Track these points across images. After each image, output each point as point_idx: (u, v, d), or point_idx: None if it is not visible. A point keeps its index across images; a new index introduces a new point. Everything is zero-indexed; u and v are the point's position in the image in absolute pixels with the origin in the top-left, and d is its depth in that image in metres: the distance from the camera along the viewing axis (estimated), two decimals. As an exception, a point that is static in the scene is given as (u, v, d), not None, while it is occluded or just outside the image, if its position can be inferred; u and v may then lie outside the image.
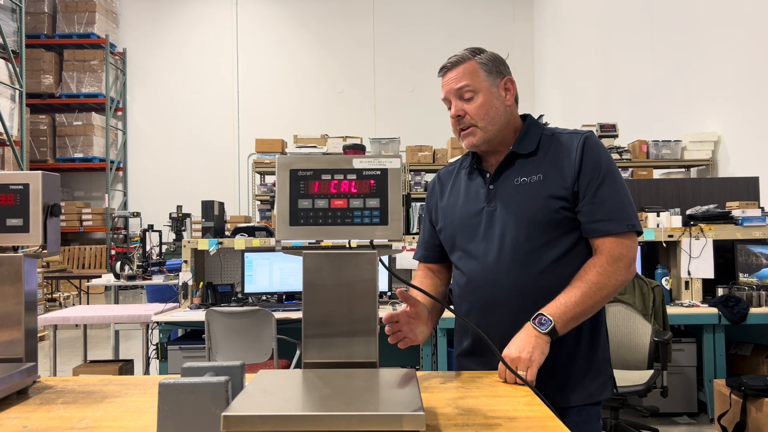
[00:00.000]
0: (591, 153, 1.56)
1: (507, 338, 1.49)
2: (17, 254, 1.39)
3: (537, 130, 1.63)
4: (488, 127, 1.59)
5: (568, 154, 1.57)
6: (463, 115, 1.59)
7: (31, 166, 11.10)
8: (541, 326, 1.44)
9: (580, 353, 1.58)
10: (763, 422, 3.31)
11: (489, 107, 1.59)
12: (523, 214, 1.54)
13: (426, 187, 8.27)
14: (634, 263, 1.54)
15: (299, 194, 1.19)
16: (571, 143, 1.58)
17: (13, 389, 1.29)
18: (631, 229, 1.53)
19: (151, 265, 5.59)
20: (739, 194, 4.68)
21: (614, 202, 1.53)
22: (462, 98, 1.59)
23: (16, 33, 9.92)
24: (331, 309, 1.22)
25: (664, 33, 7.41)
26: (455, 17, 12.80)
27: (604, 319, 1.65)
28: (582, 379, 1.56)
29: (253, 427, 0.94)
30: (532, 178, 1.57)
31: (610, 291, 1.50)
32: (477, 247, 1.59)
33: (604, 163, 1.55)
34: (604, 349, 1.63)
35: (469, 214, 1.62)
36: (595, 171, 1.54)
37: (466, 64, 1.60)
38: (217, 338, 3.51)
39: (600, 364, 1.60)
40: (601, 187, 1.53)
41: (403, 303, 1.49)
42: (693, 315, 3.94)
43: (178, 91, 13.05)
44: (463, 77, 1.58)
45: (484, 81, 1.59)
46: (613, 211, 1.52)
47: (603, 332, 1.64)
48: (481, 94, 1.58)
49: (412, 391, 1.07)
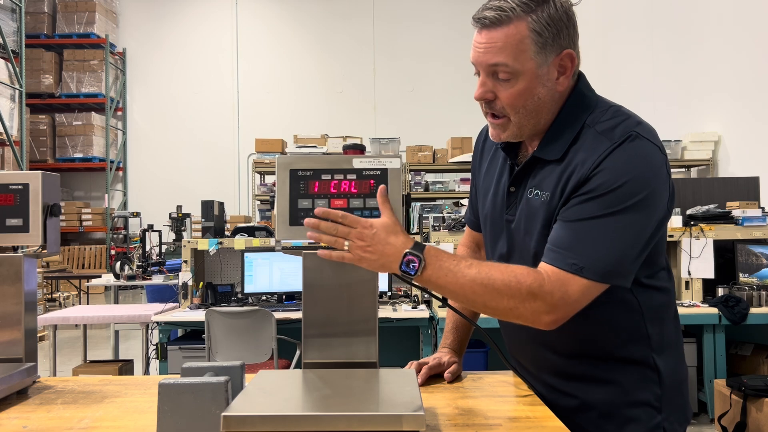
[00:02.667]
0: (610, 171, 1.11)
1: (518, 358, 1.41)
2: (17, 254, 1.39)
3: (577, 123, 1.20)
4: (523, 122, 1.19)
5: (581, 167, 1.15)
6: (493, 98, 1.18)
7: (31, 166, 11.10)
8: (407, 265, 1.11)
9: (601, 396, 1.25)
10: (763, 422, 3.30)
11: (529, 97, 1.17)
12: (529, 240, 1.25)
13: (426, 187, 8.28)
14: (557, 313, 1.12)
15: (299, 194, 1.19)
16: (593, 153, 1.14)
17: (12, 389, 1.29)
18: (575, 271, 1.10)
19: (151, 265, 5.58)
20: (740, 194, 4.68)
21: (582, 233, 1.12)
22: (494, 76, 1.17)
23: (16, 33, 9.91)
24: (331, 309, 1.22)
25: (664, 33, 7.41)
26: (455, 17, 12.78)
27: (659, 359, 1.25)
28: (603, 425, 1.26)
29: (253, 427, 0.94)
30: (543, 194, 1.21)
31: (503, 312, 1.14)
32: (495, 255, 1.35)
33: (617, 186, 1.11)
34: (650, 394, 1.24)
35: (495, 214, 1.34)
36: (598, 187, 1.12)
37: (511, 27, 1.12)
38: (217, 338, 3.51)
39: (639, 414, 1.24)
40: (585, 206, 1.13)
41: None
42: (693, 315, 3.94)
43: (178, 91, 13.04)
44: (503, 50, 1.13)
45: (531, 59, 1.14)
46: (570, 243, 1.12)
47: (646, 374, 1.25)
48: (522, 79, 1.15)
49: (412, 391, 1.07)
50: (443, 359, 1.47)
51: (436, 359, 1.47)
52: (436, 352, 1.53)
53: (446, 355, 1.49)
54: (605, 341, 1.26)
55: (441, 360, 1.47)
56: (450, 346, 1.53)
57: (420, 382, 1.37)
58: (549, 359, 1.31)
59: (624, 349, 1.26)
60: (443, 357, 1.48)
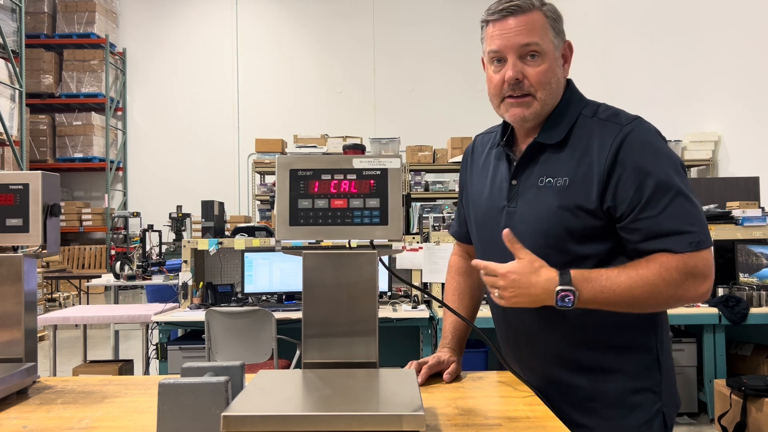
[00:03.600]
0: (630, 156, 1.22)
1: (521, 354, 1.43)
2: (17, 254, 1.39)
3: (574, 109, 1.32)
4: (547, 100, 1.29)
5: (600, 153, 1.24)
6: (522, 79, 1.27)
7: (31, 166, 11.10)
8: (563, 300, 1.18)
9: (611, 385, 1.30)
10: (763, 422, 3.30)
11: (552, 75, 1.29)
12: (543, 224, 1.28)
13: (426, 187, 8.28)
14: (710, 279, 1.21)
15: (299, 194, 1.19)
16: (606, 139, 1.25)
17: (12, 389, 1.29)
18: (696, 248, 1.19)
19: (150, 265, 5.58)
20: (740, 194, 4.68)
21: (672, 216, 1.20)
22: (522, 57, 1.28)
23: (16, 33, 9.91)
24: (331, 309, 1.22)
25: (664, 33, 7.41)
26: (455, 17, 12.79)
27: (659, 346, 1.33)
28: (611, 414, 1.30)
29: (253, 427, 0.94)
30: (558, 180, 1.28)
31: (667, 297, 1.20)
32: (494, 252, 1.33)
33: (650, 166, 1.21)
34: (652, 380, 1.31)
35: (491, 211, 1.39)
36: (638, 178, 1.21)
37: (534, 13, 1.27)
38: (217, 338, 3.51)
39: (643, 400, 1.30)
40: (652, 202, 1.20)
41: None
42: (693, 315, 3.94)
43: (178, 90, 13.04)
44: (533, 31, 1.26)
45: (551, 42, 1.28)
46: (671, 224, 1.20)
47: (649, 362, 1.32)
48: (547, 58, 1.27)
49: (412, 391, 1.07)
50: (442, 358, 1.48)
51: (436, 358, 1.48)
52: (435, 352, 1.54)
53: (446, 354, 1.50)
54: (612, 329, 1.31)
55: (440, 359, 1.48)
56: (449, 345, 1.54)
57: (420, 381, 1.38)
58: (557, 352, 1.34)
59: (629, 336, 1.31)
60: (443, 356, 1.49)
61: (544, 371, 1.38)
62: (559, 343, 1.34)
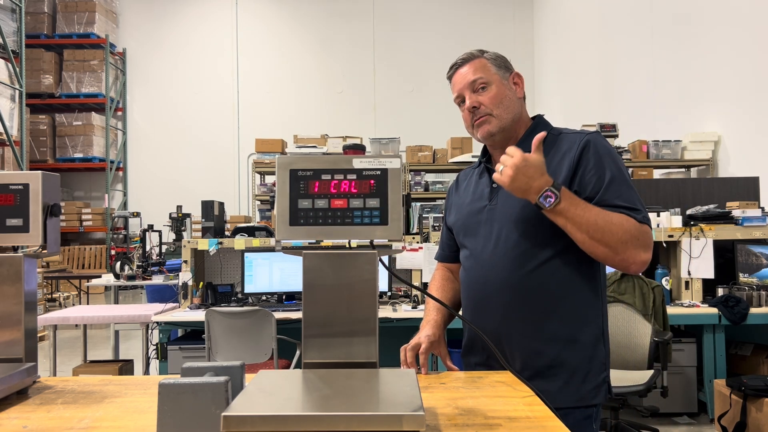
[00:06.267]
0: (592, 153, 1.54)
1: (496, 335, 1.54)
2: (17, 254, 1.39)
3: (544, 129, 1.63)
4: (503, 115, 1.61)
5: (569, 152, 1.56)
6: (479, 106, 1.61)
7: (31, 166, 11.10)
8: (544, 199, 1.44)
9: (572, 354, 1.53)
10: (763, 422, 3.31)
11: (503, 96, 1.62)
12: (519, 213, 1.55)
13: (426, 187, 8.28)
14: (650, 252, 1.48)
15: (299, 194, 1.19)
16: (573, 142, 1.57)
17: (12, 389, 1.29)
18: (645, 222, 1.49)
19: (151, 265, 5.58)
20: (739, 194, 4.68)
21: (626, 198, 1.50)
22: (476, 91, 1.62)
23: (16, 33, 9.91)
24: (331, 309, 1.22)
25: (664, 33, 7.41)
26: (455, 17, 12.79)
27: (604, 323, 1.60)
28: (570, 380, 1.53)
29: (253, 427, 0.94)
30: None
31: (620, 241, 1.44)
32: (476, 244, 1.63)
33: (608, 163, 1.52)
34: (601, 352, 1.57)
35: (473, 212, 1.66)
36: (599, 170, 1.51)
37: (476, 60, 1.65)
38: (217, 338, 3.51)
39: (594, 368, 1.55)
40: (612, 186, 1.50)
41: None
42: (693, 315, 3.94)
43: (178, 91, 13.04)
44: (476, 71, 1.63)
45: (495, 74, 1.63)
46: (628, 202, 1.50)
47: (598, 334, 1.58)
48: (494, 85, 1.62)
49: (412, 391, 1.07)
50: (421, 337, 1.62)
51: (415, 339, 1.62)
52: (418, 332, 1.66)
53: (425, 331, 1.64)
54: (573, 299, 1.55)
55: (419, 339, 1.62)
56: (433, 318, 1.67)
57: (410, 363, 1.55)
58: (526, 321, 1.54)
59: (586, 308, 1.56)
60: (421, 335, 1.63)
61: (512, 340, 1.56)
62: (529, 311, 1.54)
